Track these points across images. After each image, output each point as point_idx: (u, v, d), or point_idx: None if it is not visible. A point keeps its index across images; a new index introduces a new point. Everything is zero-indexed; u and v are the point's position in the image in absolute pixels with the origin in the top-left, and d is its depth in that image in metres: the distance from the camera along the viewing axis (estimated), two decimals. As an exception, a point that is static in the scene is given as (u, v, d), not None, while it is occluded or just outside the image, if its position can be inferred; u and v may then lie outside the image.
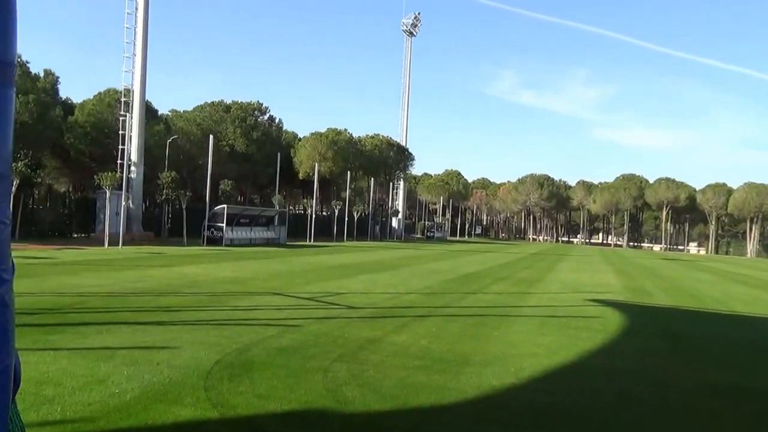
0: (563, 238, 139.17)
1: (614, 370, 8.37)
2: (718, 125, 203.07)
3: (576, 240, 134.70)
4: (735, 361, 9.81)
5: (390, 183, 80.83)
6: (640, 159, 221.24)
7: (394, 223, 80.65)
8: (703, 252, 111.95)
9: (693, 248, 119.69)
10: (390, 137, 79.45)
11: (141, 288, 13.96)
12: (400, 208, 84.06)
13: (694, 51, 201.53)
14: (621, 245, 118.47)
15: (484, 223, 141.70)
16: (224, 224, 37.46)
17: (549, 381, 7.49)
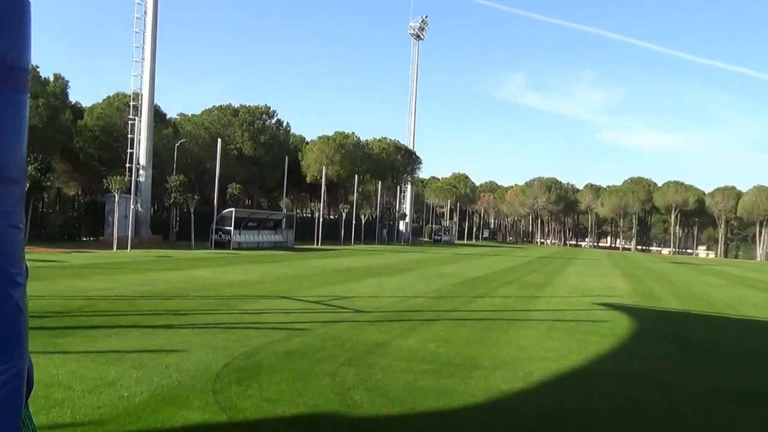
0: (571, 242, 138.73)
1: (624, 375, 8.32)
2: (728, 128, 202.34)
3: (584, 243, 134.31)
4: (747, 366, 9.73)
5: (397, 186, 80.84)
6: (649, 162, 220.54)
7: (402, 227, 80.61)
8: (712, 255, 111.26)
9: (702, 252, 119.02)
10: (397, 140, 79.62)
11: (149, 291, 14.01)
12: (408, 212, 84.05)
13: (703, 53, 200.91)
14: (629, 249, 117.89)
15: (492, 227, 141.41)
16: (232, 228, 37.56)
17: (558, 385, 7.45)
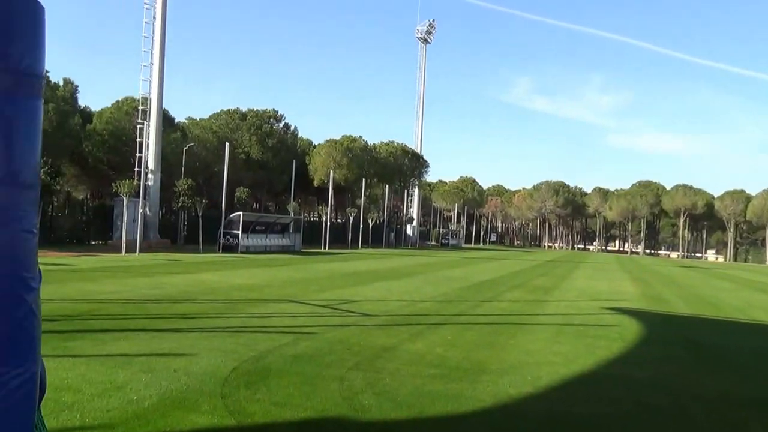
0: (579, 246, 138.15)
1: (633, 380, 8.27)
2: (737, 131, 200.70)
3: (592, 247, 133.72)
4: (758, 371, 9.65)
5: (405, 190, 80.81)
6: (657, 165, 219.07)
7: (409, 231, 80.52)
8: (722, 259, 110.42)
9: (711, 256, 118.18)
10: (405, 144, 79.54)
11: (158, 295, 14.07)
12: (415, 216, 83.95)
13: (711, 56, 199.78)
14: (638, 252, 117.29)
15: (499, 231, 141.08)
16: (240, 231, 37.65)
17: (566, 390, 7.42)
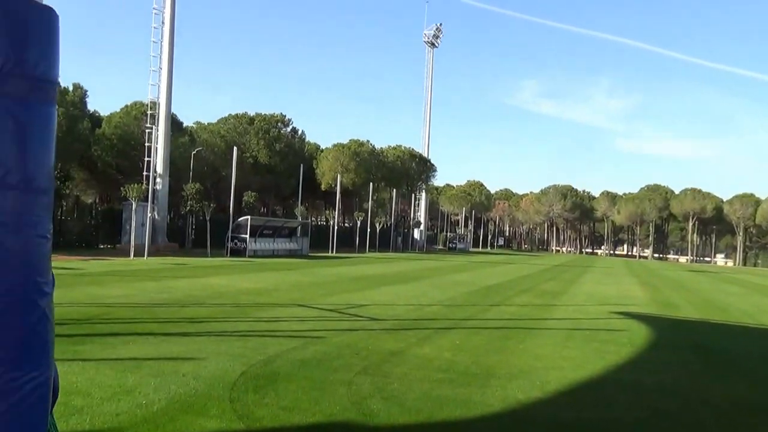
0: (587, 250, 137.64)
1: (642, 385, 8.22)
2: (746, 134, 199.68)
3: (600, 251, 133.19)
4: (767, 377, 9.58)
5: (412, 194, 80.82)
6: (665, 169, 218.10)
7: (416, 235, 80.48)
8: (731, 264, 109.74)
9: (720, 260, 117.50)
10: (412, 148, 79.56)
11: (166, 299, 14.12)
12: (422, 220, 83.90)
13: (720, 59, 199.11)
14: (646, 257, 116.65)
15: (507, 235, 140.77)
16: (248, 235, 37.76)
17: (575, 395, 7.39)
